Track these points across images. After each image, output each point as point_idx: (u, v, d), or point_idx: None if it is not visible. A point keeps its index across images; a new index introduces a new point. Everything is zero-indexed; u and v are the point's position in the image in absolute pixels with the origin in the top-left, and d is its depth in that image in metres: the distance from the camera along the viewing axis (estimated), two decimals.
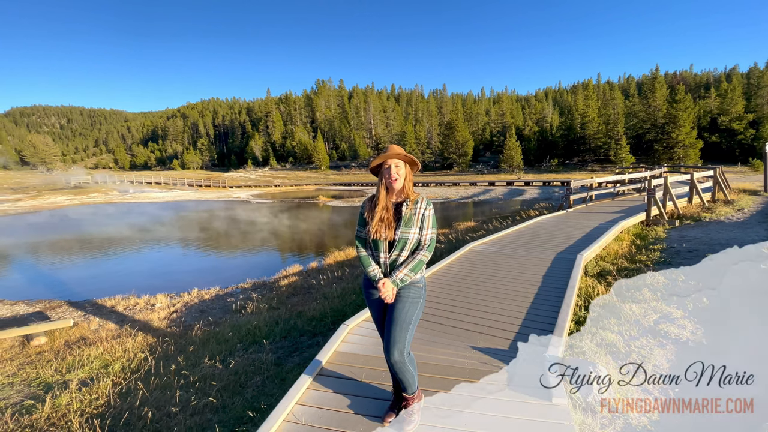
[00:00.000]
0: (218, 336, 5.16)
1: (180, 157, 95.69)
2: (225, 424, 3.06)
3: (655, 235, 9.05)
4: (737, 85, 51.59)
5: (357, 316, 3.82)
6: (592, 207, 12.90)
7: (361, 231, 2.28)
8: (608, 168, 42.69)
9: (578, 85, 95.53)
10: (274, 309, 6.36)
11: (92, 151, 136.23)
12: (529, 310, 4.09)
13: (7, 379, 4.37)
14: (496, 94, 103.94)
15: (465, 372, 2.86)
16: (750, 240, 7.30)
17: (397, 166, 2.18)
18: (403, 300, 2.18)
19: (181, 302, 7.36)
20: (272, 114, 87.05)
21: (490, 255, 6.62)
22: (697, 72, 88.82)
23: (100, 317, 6.71)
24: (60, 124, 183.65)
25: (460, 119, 58.66)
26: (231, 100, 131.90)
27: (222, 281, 8.88)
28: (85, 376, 4.25)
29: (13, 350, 5.28)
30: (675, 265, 6.08)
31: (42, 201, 32.79)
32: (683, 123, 41.52)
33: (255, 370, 3.99)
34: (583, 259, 6.02)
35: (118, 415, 3.31)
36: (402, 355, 2.15)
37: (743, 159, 41.32)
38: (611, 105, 55.43)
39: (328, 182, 51.43)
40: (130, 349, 4.94)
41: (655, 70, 52.51)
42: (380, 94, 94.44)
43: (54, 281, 9.88)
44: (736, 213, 10.73)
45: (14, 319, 6.73)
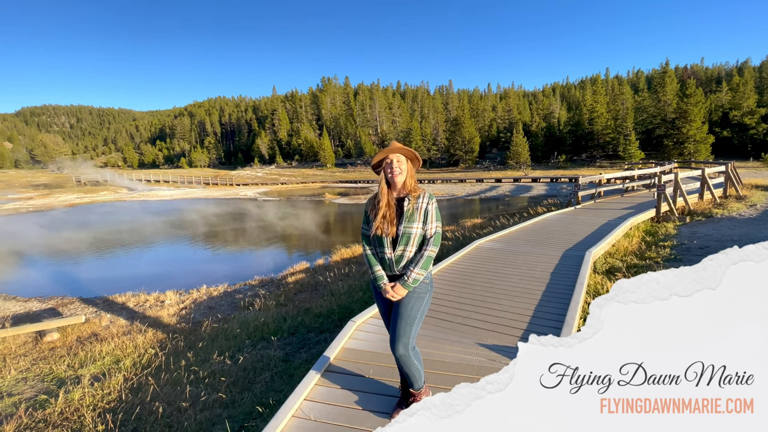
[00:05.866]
0: (227, 332, 5.21)
1: (187, 155, 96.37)
2: (235, 420, 3.09)
3: (665, 231, 8.94)
4: (749, 78, 50.46)
5: (364, 313, 3.82)
6: (600, 203, 12.76)
7: (366, 229, 2.27)
8: (617, 164, 42.10)
9: (586, 80, 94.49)
10: (281, 306, 6.39)
11: (101, 150, 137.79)
12: (538, 307, 4.06)
13: (21, 374, 4.45)
14: (502, 90, 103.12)
15: (473, 369, 2.85)
16: (763, 237, 7.17)
17: (399, 161, 2.17)
18: (409, 295, 2.17)
19: (190, 299, 7.44)
20: (278, 112, 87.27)
21: (497, 252, 6.59)
22: (708, 66, 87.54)
23: (111, 314, 6.80)
24: (69, 124, 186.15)
25: (466, 115, 58.24)
26: (237, 99, 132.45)
27: (230, 278, 8.95)
28: (97, 372, 4.32)
29: (26, 346, 5.38)
30: (686, 262, 6.01)
31: (53, 199, 33.28)
32: (694, 118, 40.80)
33: (263, 366, 4.02)
34: (592, 256, 5.97)
35: (130, 410, 3.36)
36: (407, 349, 2.16)
37: (755, 154, 40.51)
38: (620, 100, 54.58)
39: (334, 180, 51.44)
40: (141, 345, 5.01)
41: (665, 64, 51.59)
42: (386, 90, 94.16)
43: (65, 278, 10.04)
44: (749, 209, 10.55)
45: (27, 316, 6.89)
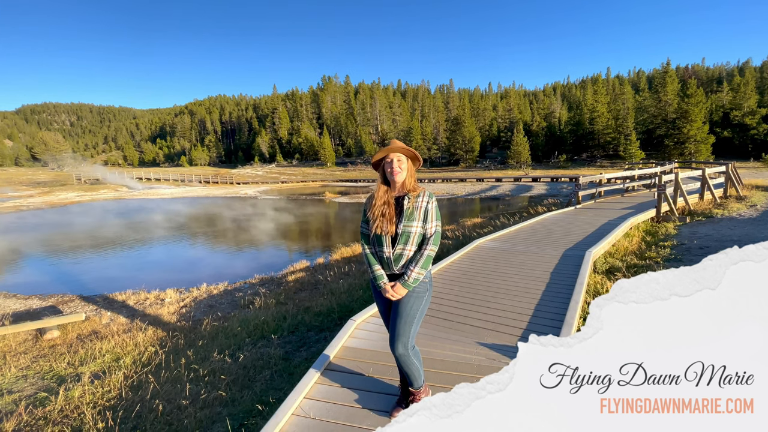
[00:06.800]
0: (227, 330, 5.21)
1: (188, 153, 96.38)
2: (235, 418, 3.09)
3: (665, 231, 8.94)
4: (750, 79, 50.38)
5: (364, 312, 3.83)
6: (601, 203, 12.76)
7: (365, 228, 2.26)
8: (617, 164, 42.03)
9: (587, 80, 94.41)
10: (281, 304, 6.40)
11: (102, 148, 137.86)
12: (538, 306, 4.06)
13: (21, 371, 4.46)
14: (503, 89, 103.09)
15: (473, 368, 2.85)
16: (763, 237, 7.17)
17: (399, 160, 2.16)
18: (409, 294, 2.16)
19: (190, 297, 7.44)
20: (279, 110, 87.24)
21: (497, 251, 6.59)
22: (710, 66, 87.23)
23: (111, 311, 6.81)
24: (70, 122, 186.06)
25: (467, 115, 58.22)
26: (238, 97, 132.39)
27: (230, 276, 8.95)
28: (97, 369, 4.32)
29: (26, 344, 5.38)
30: (686, 262, 6.01)
31: (53, 197, 33.27)
32: (695, 118, 40.75)
33: (263, 364, 4.03)
34: (592, 256, 5.97)
35: (130, 408, 3.36)
36: (406, 348, 2.16)
37: (756, 155, 40.47)
38: (621, 100, 54.45)
39: (334, 178, 51.45)
40: (141, 343, 5.01)
41: (666, 64, 51.43)
42: (386, 89, 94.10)
43: (66, 276, 10.04)
44: (749, 209, 10.55)
45: (27, 313, 6.89)
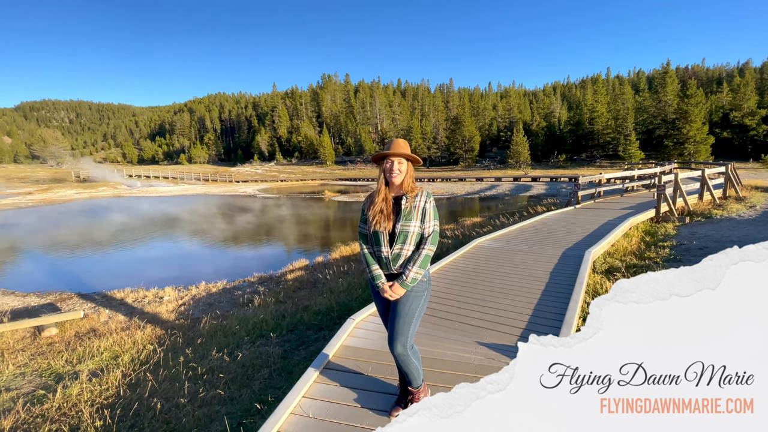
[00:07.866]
0: (226, 329, 5.20)
1: (187, 151, 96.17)
2: (233, 416, 3.09)
3: (664, 231, 8.94)
4: (750, 79, 50.39)
5: (363, 311, 3.82)
6: (600, 203, 12.77)
7: (363, 227, 2.27)
8: (617, 164, 42.09)
9: (587, 80, 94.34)
10: (280, 303, 6.39)
11: (101, 146, 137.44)
12: (537, 306, 4.06)
13: (19, 369, 4.44)
14: (503, 89, 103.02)
15: (473, 368, 2.85)
16: (762, 237, 7.17)
17: (400, 162, 2.18)
18: (407, 293, 2.17)
19: (188, 295, 7.43)
20: (278, 109, 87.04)
21: (497, 251, 6.59)
22: (710, 66, 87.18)
23: (109, 309, 6.79)
24: (69, 119, 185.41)
25: (466, 114, 58.16)
26: (237, 95, 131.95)
27: (229, 275, 8.94)
28: (95, 367, 4.31)
29: (24, 341, 5.37)
30: (685, 263, 6.01)
31: (52, 194, 33.21)
32: (694, 118, 40.78)
33: (262, 363, 4.02)
34: (591, 256, 5.97)
35: (128, 406, 3.35)
36: (405, 348, 2.16)
37: (755, 155, 40.50)
38: (621, 100, 54.43)
39: (333, 177, 51.39)
40: (139, 341, 5.00)
41: (666, 65, 51.46)
42: (386, 88, 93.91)
43: (64, 273, 10.02)
44: (748, 210, 10.56)
45: (26, 311, 6.87)
